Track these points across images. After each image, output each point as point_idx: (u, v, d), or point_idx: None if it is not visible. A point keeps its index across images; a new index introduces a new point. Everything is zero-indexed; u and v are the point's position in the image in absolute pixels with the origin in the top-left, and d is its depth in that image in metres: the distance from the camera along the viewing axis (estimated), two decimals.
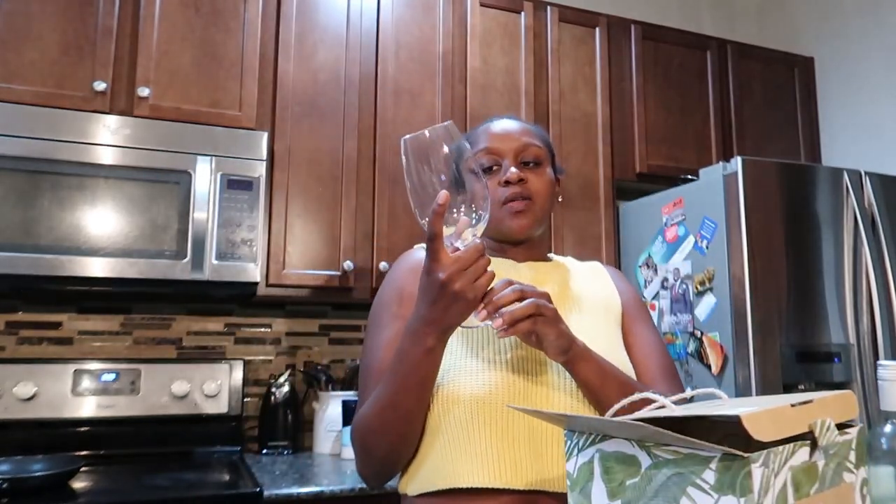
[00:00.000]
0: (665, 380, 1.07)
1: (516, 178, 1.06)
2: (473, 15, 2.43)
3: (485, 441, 0.92)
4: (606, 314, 1.11)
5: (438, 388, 0.97)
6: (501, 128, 1.12)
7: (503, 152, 1.09)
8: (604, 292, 1.14)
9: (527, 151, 1.10)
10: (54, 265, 1.80)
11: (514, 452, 0.92)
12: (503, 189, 1.07)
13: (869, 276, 2.13)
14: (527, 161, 1.10)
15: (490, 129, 1.13)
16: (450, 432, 0.94)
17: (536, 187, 1.08)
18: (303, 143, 2.16)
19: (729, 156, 2.69)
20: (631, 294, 1.17)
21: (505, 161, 1.09)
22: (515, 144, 1.10)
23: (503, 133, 1.11)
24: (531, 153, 1.10)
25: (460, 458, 0.93)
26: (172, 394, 2.11)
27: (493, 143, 1.10)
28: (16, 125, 1.82)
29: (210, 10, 2.11)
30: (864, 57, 2.88)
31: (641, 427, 0.58)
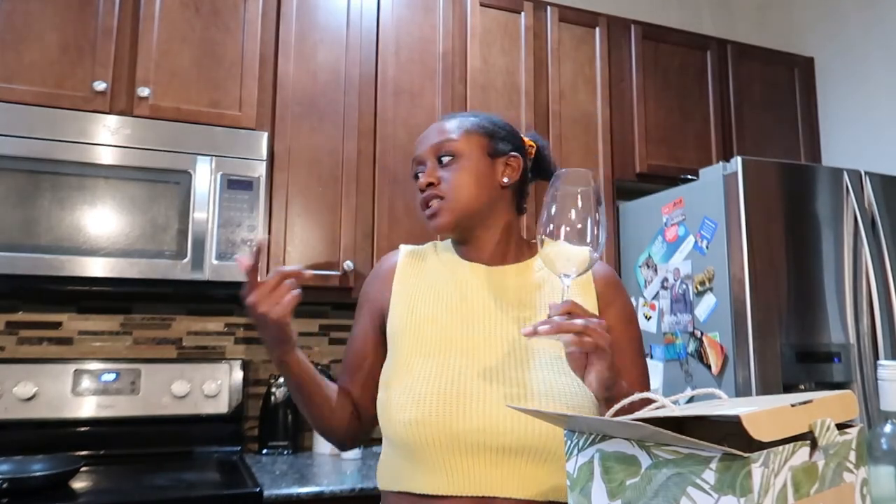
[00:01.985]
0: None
1: (424, 185, 1.09)
2: (473, 15, 2.43)
3: (432, 456, 0.97)
4: None
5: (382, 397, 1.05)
6: (422, 134, 1.15)
7: (423, 158, 1.12)
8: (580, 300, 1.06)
9: (441, 150, 1.10)
10: (54, 265, 1.80)
11: (464, 462, 0.96)
12: (419, 196, 1.11)
13: (869, 276, 2.13)
14: (443, 161, 1.10)
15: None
16: (398, 444, 1.01)
17: (449, 184, 1.08)
18: (303, 143, 2.16)
19: (729, 156, 2.69)
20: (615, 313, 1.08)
21: (425, 164, 1.12)
22: (429, 147, 1.11)
23: (421, 139, 1.14)
24: (444, 149, 1.10)
25: (412, 468, 1.00)
26: (172, 394, 2.11)
27: (416, 151, 1.13)
28: (16, 125, 1.82)
29: (210, 10, 2.11)
30: (864, 57, 2.88)
31: (641, 427, 0.58)
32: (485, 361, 1.00)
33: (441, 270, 1.12)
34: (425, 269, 1.14)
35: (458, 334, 1.03)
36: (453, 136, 1.11)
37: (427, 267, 1.14)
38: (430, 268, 1.14)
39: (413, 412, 0.97)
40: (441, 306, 1.07)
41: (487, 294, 1.07)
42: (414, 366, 1.02)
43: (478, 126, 1.13)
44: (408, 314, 1.08)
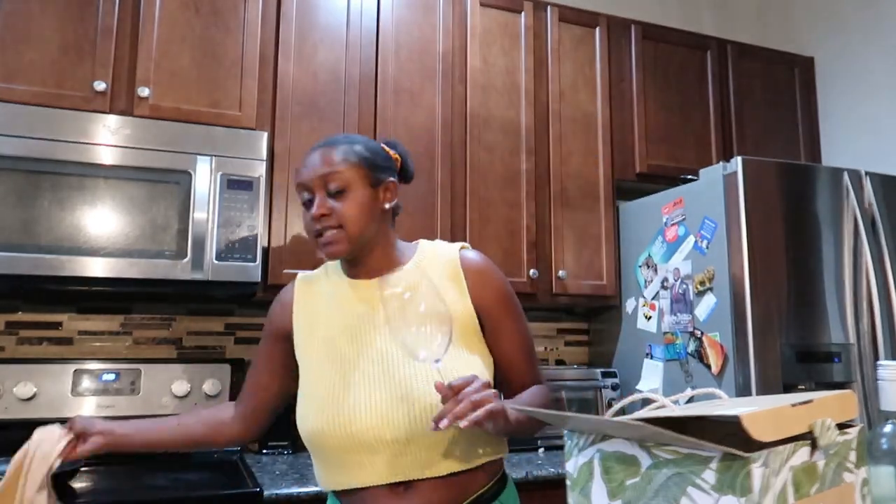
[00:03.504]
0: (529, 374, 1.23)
1: (318, 216, 1.15)
2: (473, 15, 2.43)
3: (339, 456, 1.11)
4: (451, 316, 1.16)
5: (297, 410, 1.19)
6: (308, 162, 1.19)
7: (310, 186, 1.17)
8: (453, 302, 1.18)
9: (329, 181, 1.16)
10: (54, 265, 1.80)
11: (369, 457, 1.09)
12: (313, 223, 1.16)
13: (869, 276, 2.13)
14: (331, 191, 1.16)
15: (302, 164, 1.21)
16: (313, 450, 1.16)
17: (343, 216, 1.15)
18: (303, 143, 2.16)
19: (729, 156, 2.69)
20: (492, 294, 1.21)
21: (315, 195, 1.17)
22: (318, 178, 1.17)
23: (308, 167, 1.19)
24: (333, 182, 1.16)
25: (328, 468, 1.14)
26: (172, 394, 2.11)
27: (302, 178, 1.19)
28: (16, 125, 1.82)
29: (210, 11, 2.11)
30: (864, 57, 2.88)
31: (641, 427, 0.58)
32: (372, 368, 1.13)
33: (332, 292, 1.24)
34: (319, 293, 1.26)
35: (348, 347, 1.16)
36: (340, 168, 1.17)
37: (320, 290, 1.26)
38: (323, 291, 1.26)
39: (314, 422, 1.12)
40: (332, 324, 1.19)
41: (370, 306, 1.19)
42: (314, 381, 1.16)
43: (359, 157, 1.20)
44: (308, 336, 1.22)
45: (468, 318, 1.19)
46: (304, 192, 1.19)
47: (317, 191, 1.17)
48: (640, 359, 2.40)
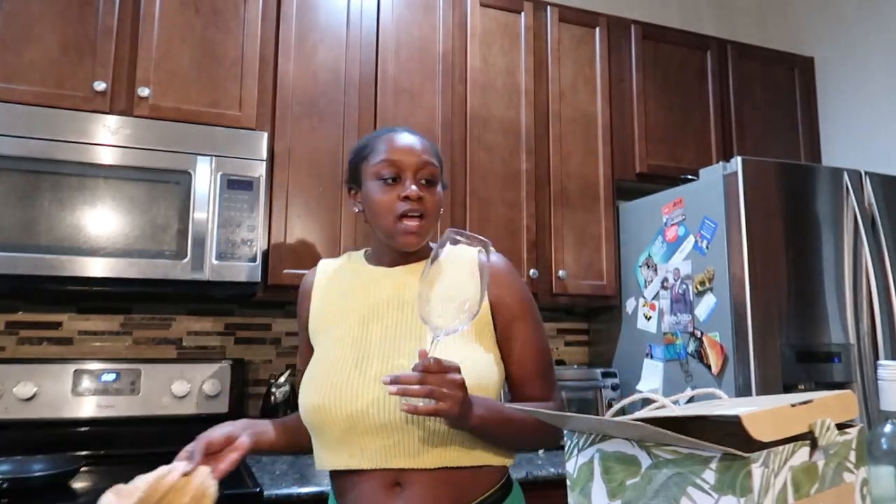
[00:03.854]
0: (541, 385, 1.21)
1: (416, 196, 1.15)
2: (473, 15, 2.43)
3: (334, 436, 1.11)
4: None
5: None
6: (404, 142, 1.20)
7: (404, 167, 1.17)
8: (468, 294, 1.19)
9: (425, 170, 1.18)
10: (54, 265, 1.80)
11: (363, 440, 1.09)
12: (402, 203, 1.16)
13: (869, 276, 2.13)
14: (423, 179, 1.18)
15: (393, 141, 1.20)
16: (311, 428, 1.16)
17: (431, 206, 1.18)
18: (303, 143, 2.16)
19: (729, 156, 2.69)
20: (510, 296, 1.21)
21: (405, 176, 1.17)
22: (416, 161, 1.18)
23: (406, 148, 1.19)
24: (428, 172, 1.19)
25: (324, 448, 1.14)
26: (172, 394, 2.11)
27: (396, 156, 1.18)
28: (16, 125, 1.82)
29: (210, 11, 2.11)
30: (864, 57, 2.88)
31: (641, 427, 0.58)
32: (377, 351, 1.13)
33: (352, 276, 1.26)
34: (339, 276, 1.28)
35: (360, 329, 1.17)
36: (434, 162, 1.20)
37: (341, 274, 1.28)
38: (343, 274, 1.28)
39: (313, 398, 1.12)
40: (349, 306, 1.20)
41: (387, 292, 1.19)
42: (321, 360, 1.17)
43: (438, 156, 1.24)
44: (323, 317, 1.23)
45: (484, 316, 1.19)
46: (392, 170, 1.17)
47: (408, 173, 1.17)
48: (640, 359, 2.40)
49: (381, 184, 1.18)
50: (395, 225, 1.16)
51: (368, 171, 1.20)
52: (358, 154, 1.25)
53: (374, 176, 1.19)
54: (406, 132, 1.23)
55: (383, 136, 1.23)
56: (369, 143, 1.24)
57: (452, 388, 0.98)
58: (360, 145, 1.27)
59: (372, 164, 1.19)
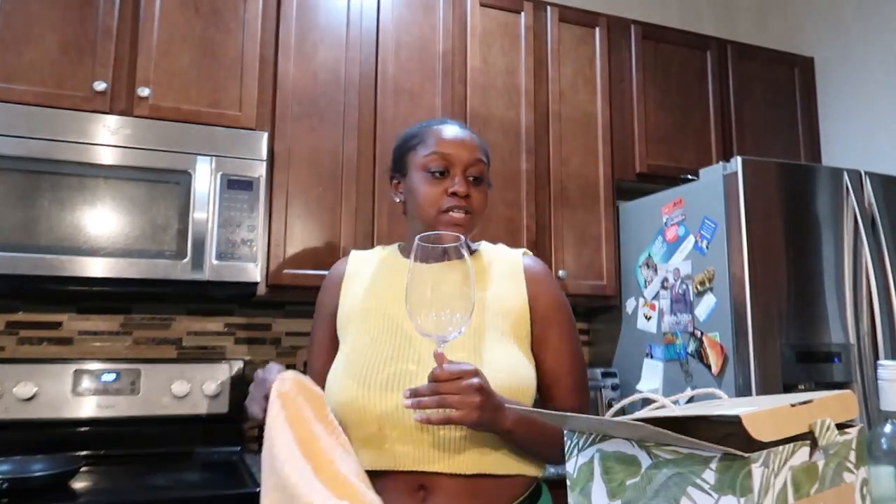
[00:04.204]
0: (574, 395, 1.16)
1: (464, 193, 1.12)
2: (473, 15, 2.43)
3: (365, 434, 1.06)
4: (505, 321, 1.13)
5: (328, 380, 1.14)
6: (456, 136, 1.17)
7: (454, 161, 1.14)
8: (510, 297, 1.16)
9: (475, 167, 1.16)
10: (54, 265, 1.80)
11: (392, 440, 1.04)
12: (448, 199, 1.13)
13: (869, 276, 2.13)
14: (472, 176, 1.15)
15: (442, 134, 1.16)
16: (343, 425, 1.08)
17: (477, 204, 1.15)
18: (303, 143, 2.16)
19: (729, 156, 2.69)
20: (547, 299, 1.18)
21: (454, 171, 1.14)
22: (466, 157, 1.15)
23: (457, 142, 1.16)
24: (478, 169, 1.16)
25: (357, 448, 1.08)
26: (172, 394, 2.11)
27: (446, 150, 1.15)
28: (16, 125, 1.82)
29: (210, 10, 2.11)
30: (864, 57, 2.88)
31: (641, 427, 0.58)
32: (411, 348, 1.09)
33: (386, 268, 1.22)
34: (372, 268, 1.23)
35: (394, 326, 1.12)
36: (485, 160, 1.18)
37: (374, 266, 1.24)
38: (376, 266, 1.23)
39: (345, 394, 1.07)
40: (382, 301, 1.16)
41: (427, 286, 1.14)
42: (353, 353, 1.12)
43: (487, 154, 1.22)
44: (352, 308, 1.18)
45: (523, 317, 1.16)
46: (441, 163, 1.14)
47: (457, 169, 1.15)
48: (640, 359, 2.40)
49: (429, 176, 1.15)
50: (437, 218, 1.13)
51: (416, 163, 1.17)
52: (405, 143, 1.21)
53: (421, 168, 1.16)
54: (458, 126, 1.20)
55: (434, 127, 1.19)
56: (419, 133, 1.20)
57: (468, 394, 0.93)
58: (408, 134, 1.22)
59: (420, 156, 1.16)
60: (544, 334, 1.16)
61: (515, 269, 1.20)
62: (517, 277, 1.19)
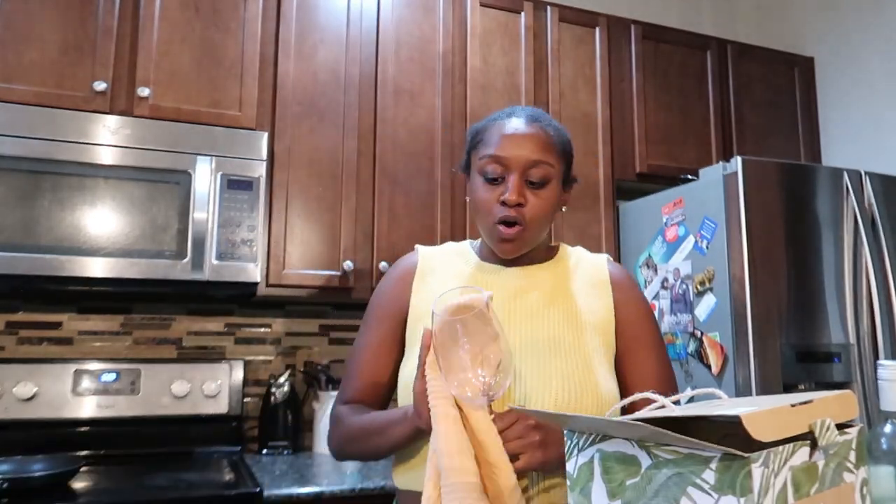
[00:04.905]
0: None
1: (514, 202, 1.01)
2: (473, 15, 2.43)
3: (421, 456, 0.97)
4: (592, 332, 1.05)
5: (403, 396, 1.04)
6: (516, 133, 1.04)
7: (510, 165, 1.03)
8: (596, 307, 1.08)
9: (535, 169, 1.03)
10: (54, 265, 1.80)
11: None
12: (499, 207, 1.02)
13: (869, 276, 2.13)
14: (531, 179, 1.03)
15: (503, 132, 1.05)
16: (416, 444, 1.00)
17: (533, 213, 1.03)
18: (303, 143, 2.16)
19: (729, 156, 2.69)
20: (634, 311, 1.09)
21: (510, 174, 1.03)
22: (524, 159, 1.03)
23: (515, 139, 1.04)
24: (538, 173, 1.03)
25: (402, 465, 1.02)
26: (172, 394, 2.11)
27: (503, 152, 1.03)
28: (16, 125, 1.82)
29: (210, 11, 2.11)
30: (864, 57, 2.88)
31: (641, 427, 0.58)
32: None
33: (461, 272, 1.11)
34: (445, 270, 1.12)
35: None
36: (551, 160, 1.05)
37: (447, 268, 1.13)
38: (450, 268, 1.12)
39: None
40: None
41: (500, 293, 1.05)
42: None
43: (565, 149, 1.09)
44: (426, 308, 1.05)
45: (610, 333, 1.06)
46: (497, 168, 1.03)
47: (515, 171, 1.03)
48: None
49: (484, 181, 1.04)
50: (492, 229, 1.04)
51: (476, 163, 1.07)
52: (472, 140, 1.11)
53: (479, 170, 1.06)
54: (524, 120, 1.06)
55: (497, 122, 1.07)
56: (484, 129, 1.09)
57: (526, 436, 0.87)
58: (475, 129, 1.11)
59: (479, 157, 1.06)
60: (630, 352, 1.06)
61: (601, 279, 1.11)
62: (603, 288, 1.10)
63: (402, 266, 1.15)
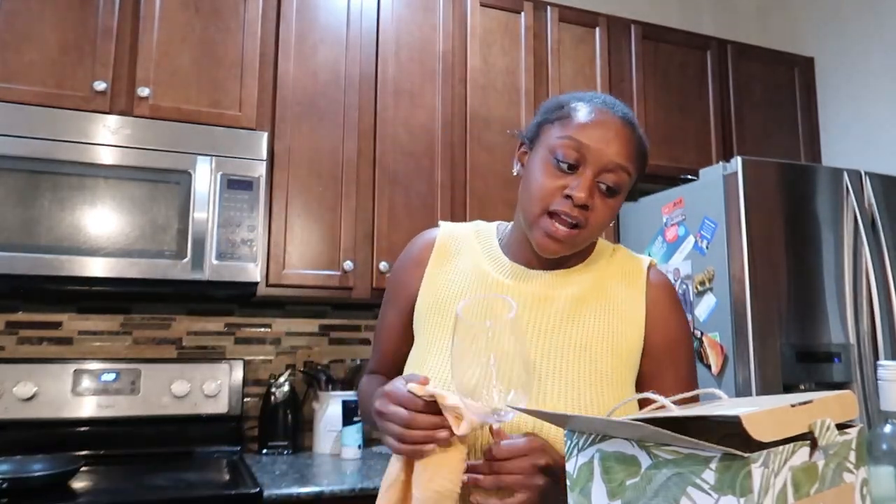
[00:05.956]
0: None
1: (581, 203, 0.90)
2: (473, 15, 2.43)
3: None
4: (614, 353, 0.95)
5: None
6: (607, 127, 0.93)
7: (590, 158, 0.92)
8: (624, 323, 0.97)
9: (613, 174, 0.93)
10: (54, 265, 1.80)
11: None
12: (561, 200, 0.91)
13: (869, 276, 2.13)
14: (604, 184, 0.93)
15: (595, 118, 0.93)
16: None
17: (596, 220, 0.93)
18: (303, 143, 2.16)
19: (729, 156, 2.69)
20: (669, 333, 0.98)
21: (585, 168, 0.92)
22: (608, 157, 0.92)
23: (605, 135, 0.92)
24: (614, 179, 0.93)
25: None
26: (172, 394, 2.11)
27: (589, 140, 0.91)
28: (16, 125, 1.82)
29: (210, 10, 2.11)
30: (864, 57, 2.88)
31: (641, 427, 0.58)
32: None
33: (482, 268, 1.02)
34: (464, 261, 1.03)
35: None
36: (631, 170, 0.94)
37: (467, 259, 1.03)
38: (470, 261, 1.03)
39: None
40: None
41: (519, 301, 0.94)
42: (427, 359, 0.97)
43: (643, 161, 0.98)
44: (440, 302, 1.01)
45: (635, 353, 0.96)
46: (574, 155, 0.92)
47: (592, 167, 0.91)
48: None
49: (554, 164, 0.92)
50: (539, 218, 0.93)
51: (547, 141, 0.95)
52: (550, 112, 0.98)
53: (549, 150, 0.93)
54: (620, 116, 0.95)
55: (590, 105, 0.95)
56: (569, 105, 0.96)
57: (531, 477, 0.80)
58: (557, 103, 0.99)
59: (554, 136, 0.94)
60: (652, 376, 0.97)
61: (638, 286, 1.00)
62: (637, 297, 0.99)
63: (419, 245, 1.08)
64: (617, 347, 0.95)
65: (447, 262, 1.05)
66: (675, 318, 1.00)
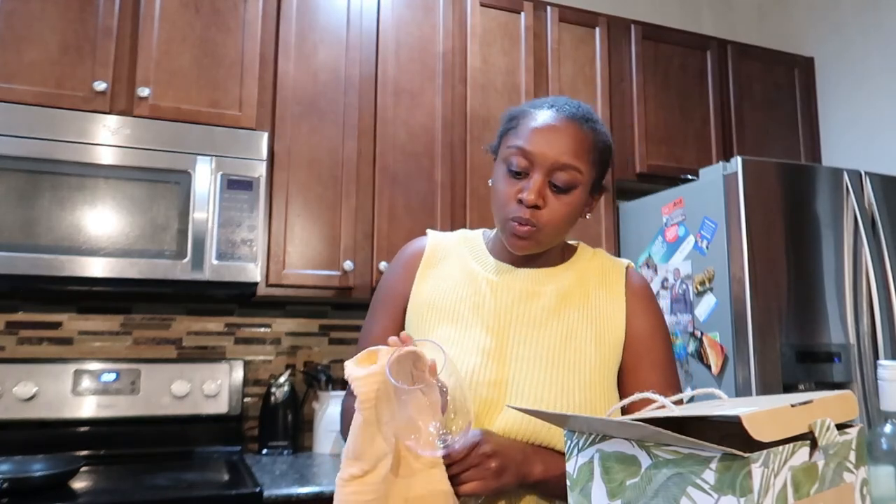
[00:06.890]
0: None
1: (530, 204, 0.96)
2: (473, 15, 2.43)
3: None
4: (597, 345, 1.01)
5: None
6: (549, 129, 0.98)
7: (535, 162, 0.98)
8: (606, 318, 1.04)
9: (561, 172, 0.97)
10: (54, 265, 1.80)
11: None
12: (514, 206, 0.98)
13: (869, 276, 2.13)
14: (555, 182, 0.98)
15: (535, 124, 0.99)
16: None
17: (549, 218, 0.98)
18: (303, 143, 2.16)
19: (729, 156, 2.69)
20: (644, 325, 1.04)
21: (534, 172, 0.98)
22: (552, 160, 0.97)
23: (545, 139, 0.98)
24: (564, 177, 0.98)
25: None
26: (172, 394, 2.11)
27: (530, 147, 0.98)
28: (16, 125, 1.82)
29: (210, 10, 2.11)
30: (864, 57, 2.88)
31: (641, 427, 0.58)
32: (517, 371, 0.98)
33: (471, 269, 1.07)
34: (453, 264, 1.09)
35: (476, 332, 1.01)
36: (580, 166, 0.98)
37: (456, 262, 1.09)
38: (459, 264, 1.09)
39: None
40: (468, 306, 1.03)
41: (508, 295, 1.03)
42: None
43: (601, 155, 1.02)
44: (434, 304, 1.05)
45: (617, 346, 1.03)
46: (523, 162, 0.98)
47: (539, 170, 0.97)
48: None
49: (507, 172, 1.00)
50: (505, 223, 1.00)
51: (503, 151, 1.02)
52: (506, 124, 1.05)
53: (505, 159, 1.01)
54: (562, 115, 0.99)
55: (533, 112, 1.01)
56: (519, 116, 1.03)
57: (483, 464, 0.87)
58: (511, 114, 1.06)
59: (506, 146, 1.01)
60: (633, 369, 1.03)
61: (617, 285, 1.06)
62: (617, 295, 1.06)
63: (409, 252, 1.12)
64: (600, 338, 1.02)
65: (437, 266, 1.10)
66: (652, 312, 1.07)
